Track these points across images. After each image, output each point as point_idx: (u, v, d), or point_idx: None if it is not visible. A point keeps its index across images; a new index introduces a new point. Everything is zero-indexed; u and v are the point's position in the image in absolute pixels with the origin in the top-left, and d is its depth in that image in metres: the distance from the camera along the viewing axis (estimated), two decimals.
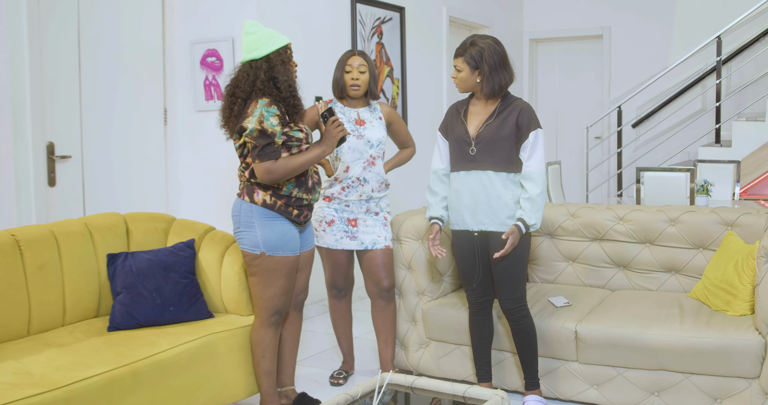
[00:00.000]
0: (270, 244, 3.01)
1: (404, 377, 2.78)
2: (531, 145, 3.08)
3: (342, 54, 3.66)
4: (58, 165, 4.11)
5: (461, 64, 3.12)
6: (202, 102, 4.85)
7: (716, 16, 7.36)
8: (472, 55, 3.09)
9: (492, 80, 3.09)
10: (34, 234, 3.05)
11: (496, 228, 3.13)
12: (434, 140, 6.54)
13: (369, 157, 3.56)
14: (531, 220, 3.06)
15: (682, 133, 7.56)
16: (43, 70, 4.02)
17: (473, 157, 3.13)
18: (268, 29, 3.03)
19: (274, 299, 3.07)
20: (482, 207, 3.12)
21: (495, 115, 3.12)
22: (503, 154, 3.09)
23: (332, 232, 3.57)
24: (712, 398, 3.06)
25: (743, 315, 3.19)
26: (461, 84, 3.16)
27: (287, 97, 2.97)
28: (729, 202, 5.59)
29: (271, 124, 2.91)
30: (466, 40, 3.16)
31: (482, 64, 3.08)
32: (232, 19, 4.73)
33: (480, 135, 3.12)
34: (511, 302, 3.17)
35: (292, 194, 3.02)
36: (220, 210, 4.70)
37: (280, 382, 3.32)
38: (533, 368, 3.26)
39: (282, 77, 2.96)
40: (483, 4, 7.35)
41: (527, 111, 3.11)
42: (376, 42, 5.72)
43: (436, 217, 3.28)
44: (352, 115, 3.59)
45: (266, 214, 3.01)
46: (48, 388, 2.40)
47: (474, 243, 3.20)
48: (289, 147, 2.98)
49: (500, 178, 3.10)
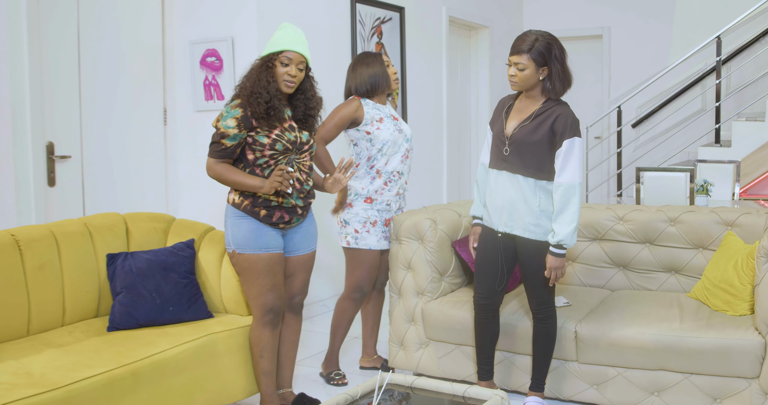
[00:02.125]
0: (238, 242, 3.05)
1: (404, 377, 2.78)
2: (564, 154, 2.93)
3: (360, 54, 3.72)
4: (57, 165, 4.11)
5: (526, 61, 2.93)
6: (202, 102, 4.85)
7: (716, 16, 7.36)
8: (539, 50, 2.92)
9: (563, 78, 2.96)
10: (34, 234, 3.04)
11: (520, 233, 3.07)
12: (434, 140, 6.60)
13: (405, 151, 3.70)
14: (557, 237, 2.95)
15: (681, 133, 7.56)
16: (43, 70, 4.02)
17: (506, 158, 3.05)
18: (285, 32, 3.04)
19: (260, 298, 3.07)
20: (509, 209, 3.06)
21: (533, 118, 3.00)
22: (534, 160, 2.98)
23: (375, 233, 3.65)
24: (712, 398, 3.06)
25: (743, 315, 3.19)
26: (522, 82, 2.98)
27: (251, 103, 2.97)
28: (729, 202, 5.59)
29: (225, 124, 2.96)
30: (525, 35, 2.97)
31: (551, 61, 2.95)
32: (231, 19, 4.73)
33: (514, 136, 3.03)
34: (538, 304, 3.15)
35: (257, 195, 3.03)
36: (220, 210, 4.70)
37: (278, 384, 3.32)
38: (544, 370, 3.24)
39: (247, 82, 3.00)
40: (483, 4, 7.35)
41: (565, 117, 2.95)
42: (375, 42, 5.72)
43: (477, 216, 3.27)
44: (386, 111, 3.69)
45: (236, 212, 3.06)
46: (47, 388, 2.39)
47: (497, 243, 3.15)
48: (253, 150, 3.00)
49: (528, 184, 3.00)
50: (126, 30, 4.55)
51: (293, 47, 3.01)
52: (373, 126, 3.60)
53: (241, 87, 3.05)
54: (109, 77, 4.45)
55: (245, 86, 3.01)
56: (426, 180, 6.38)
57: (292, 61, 3.01)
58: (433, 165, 6.53)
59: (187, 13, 4.85)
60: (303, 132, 3.12)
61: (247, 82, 3.01)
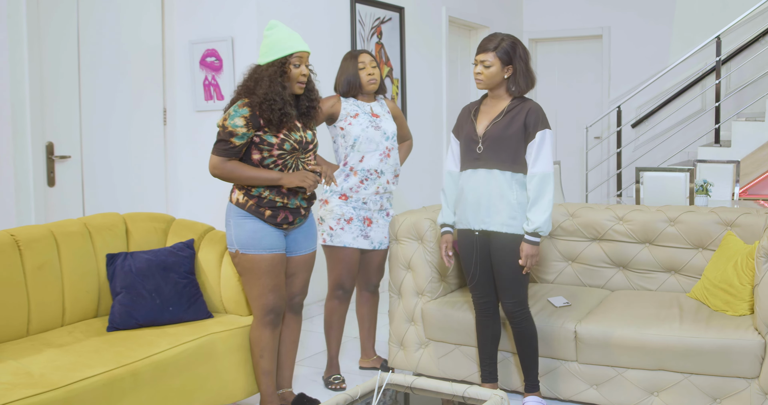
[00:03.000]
0: (242, 242, 3.04)
1: (404, 377, 2.78)
2: (537, 145, 3.04)
3: (346, 54, 3.71)
4: (57, 165, 4.11)
5: (492, 59, 3.05)
6: (202, 102, 4.85)
7: (716, 16, 7.36)
8: (505, 49, 3.04)
9: (526, 77, 3.07)
10: (34, 234, 3.04)
11: (497, 228, 3.10)
12: (434, 140, 6.60)
13: (385, 149, 3.66)
14: (532, 225, 3.02)
15: (681, 133, 7.56)
16: (43, 70, 4.02)
17: (479, 156, 3.11)
18: (281, 33, 3.02)
19: (262, 298, 3.07)
20: (485, 205, 3.10)
21: (504, 114, 3.09)
22: (509, 153, 3.06)
23: (350, 230, 3.62)
24: (712, 398, 3.06)
25: (742, 315, 3.19)
26: (488, 80, 3.09)
27: (264, 109, 2.95)
28: (728, 202, 5.59)
29: (233, 123, 2.94)
30: (493, 36, 3.09)
31: (516, 60, 3.05)
32: (231, 19, 4.73)
33: (487, 133, 3.10)
34: (512, 305, 3.16)
35: (263, 195, 3.02)
36: (220, 210, 4.69)
37: (278, 384, 3.32)
38: (533, 371, 3.25)
39: (260, 90, 2.96)
40: (482, 4, 7.35)
41: (536, 111, 3.07)
42: (375, 42, 5.72)
43: (447, 224, 3.28)
44: (365, 108, 3.67)
45: (239, 212, 3.05)
46: (47, 389, 2.39)
47: (474, 242, 3.20)
48: (260, 149, 2.99)
49: (505, 177, 3.07)
50: (126, 30, 4.55)
51: (301, 47, 3.01)
52: (346, 121, 3.61)
53: (246, 92, 3.01)
54: (108, 77, 4.45)
55: (256, 93, 2.96)
56: (426, 180, 6.38)
57: (302, 61, 3.02)
58: (433, 165, 6.53)
59: (186, 13, 4.85)
60: (307, 131, 3.13)
61: (257, 89, 2.96)
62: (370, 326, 3.90)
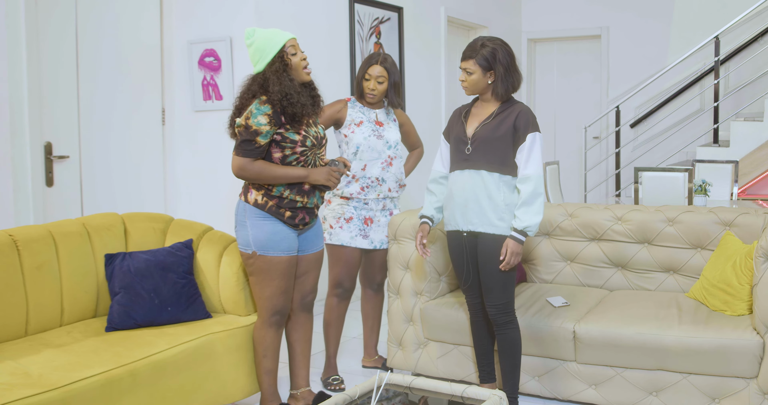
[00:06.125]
0: (260, 244, 3.02)
1: (402, 377, 2.78)
2: (527, 148, 3.04)
3: (368, 56, 3.69)
4: (55, 165, 4.11)
5: (473, 67, 3.06)
6: (200, 102, 4.85)
7: (714, 16, 7.37)
8: (484, 56, 3.04)
9: (506, 81, 3.07)
10: (32, 234, 3.04)
11: (485, 229, 3.09)
12: (433, 140, 6.59)
13: (387, 158, 3.67)
14: (522, 223, 3.00)
15: (680, 133, 7.57)
16: (41, 70, 4.02)
17: (468, 157, 3.12)
18: (263, 33, 2.99)
19: (272, 299, 3.08)
20: (472, 206, 3.10)
21: (494, 116, 3.10)
22: (498, 155, 3.07)
23: (349, 229, 3.64)
24: (711, 398, 3.07)
25: (741, 315, 3.19)
26: (472, 86, 3.12)
27: (285, 105, 2.94)
28: (727, 202, 5.60)
29: (257, 122, 2.91)
30: (474, 42, 3.11)
31: (496, 65, 3.05)
32: (230, 20, 4.73)
33: (476, 134, 3.11)
34: (496, 309, 3.13)
35: (284, 195, 3.01)
36: (218, 210, 4.70)
37: (295, 384, 3.32)
38: (513, 381, 3.17)
39: (274, 88, 2.93)
40: (481, 4, 7.35)
41: (526, 114, 3.07)
42: (374, 42, 5.72)
43: (426, 216, 3.29)
44: (371, 115, 3.68)
45: (258, 213, 3.02)
46: (46, 389, 2.39)
47: (463, 243, 3.19)
48: (282, 147, 2.98)
49: (493, 179, 3.07)
50: (124, 30, 4.55)
51: (287, 36, 3.00)
52: (349, 129, 3.63)
53: (253, 97, 2.98)
54: (107, 77, 4.45)
55: (271, 91, 2.94)
56: (425, 180, 6.36)
57: (296, 48, 3.02)
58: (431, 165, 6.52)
59: (185, 13, 4.85)
60: (319, 126, 3.15)
61: (271, 87, 2.93)
62: (373, 325, 3.91)
